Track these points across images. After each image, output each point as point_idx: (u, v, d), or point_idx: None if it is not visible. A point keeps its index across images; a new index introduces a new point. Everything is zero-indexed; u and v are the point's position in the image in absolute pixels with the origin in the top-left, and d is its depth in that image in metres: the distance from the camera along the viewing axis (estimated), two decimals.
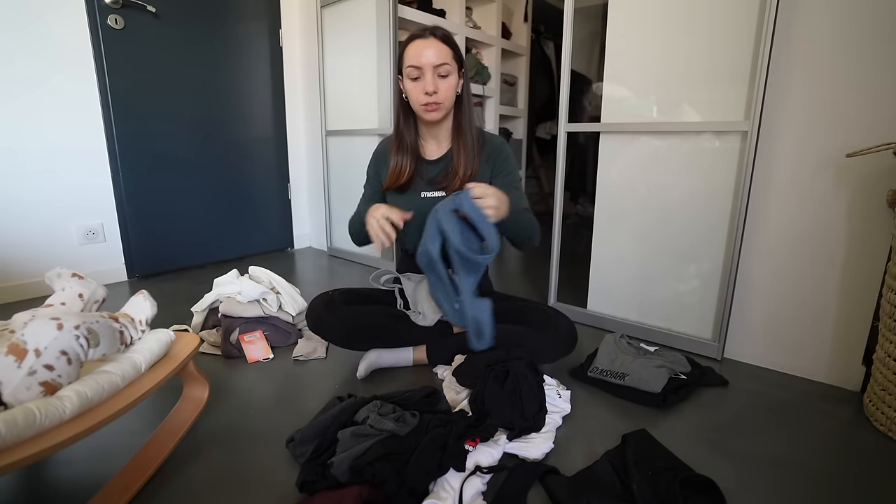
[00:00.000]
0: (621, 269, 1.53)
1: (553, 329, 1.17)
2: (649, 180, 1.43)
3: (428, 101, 1.13)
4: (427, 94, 1.12)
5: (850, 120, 1.12)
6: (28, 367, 0.64)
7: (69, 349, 0.68)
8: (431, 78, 1.11)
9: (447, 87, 1.14)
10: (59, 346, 0.67)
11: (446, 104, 1.16)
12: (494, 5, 2.97)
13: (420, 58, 1.11)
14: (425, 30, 1.13)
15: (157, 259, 2.16)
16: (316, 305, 1.23)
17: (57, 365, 0.67)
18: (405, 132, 1.22)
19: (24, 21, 1.68)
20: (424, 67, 1.11)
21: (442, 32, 1.14)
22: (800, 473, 0.89)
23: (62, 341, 0.68)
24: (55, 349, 0.67)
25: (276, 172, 2.58)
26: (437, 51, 1.11)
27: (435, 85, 1.12)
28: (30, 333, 0.67)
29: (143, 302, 0.92)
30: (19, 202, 1.75)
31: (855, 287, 1.17)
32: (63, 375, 0.67)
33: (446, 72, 1.12)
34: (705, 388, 1.19)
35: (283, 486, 0.82)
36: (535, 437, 0.93)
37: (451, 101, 1.16)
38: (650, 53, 1.37)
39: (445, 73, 1.12)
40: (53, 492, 0.82)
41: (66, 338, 0.68)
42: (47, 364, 0.66)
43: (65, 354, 0.68)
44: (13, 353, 0.65)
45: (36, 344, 0.66)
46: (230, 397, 1.12)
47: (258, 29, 2.36)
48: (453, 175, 1.21)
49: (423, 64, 1.11)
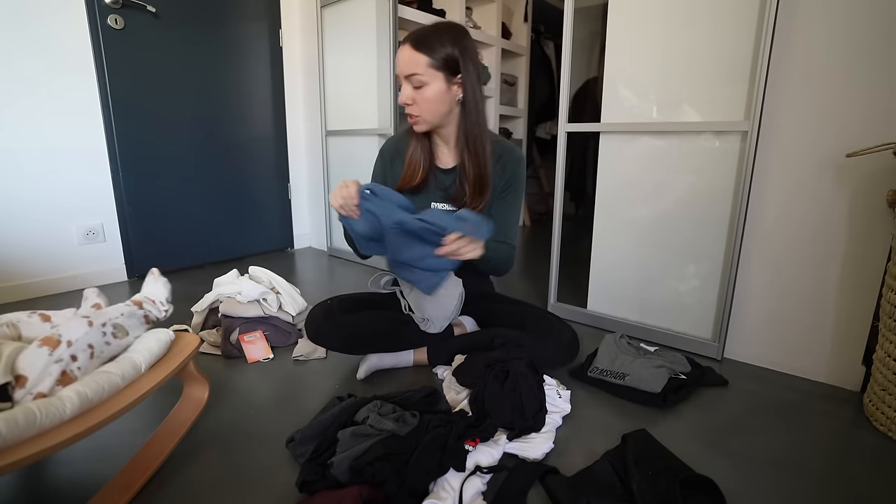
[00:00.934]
0: (621, 269, 1.53)
1: (555, 338, 1.16)
2: (649, 180, 1.43)
3: (407, 112, 1.09)
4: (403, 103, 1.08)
5: (850, 120, 1.12)
6: (57, 355, 0.69)
7: (95, 344, 0.76)
8: (406, 88, 1.06)
9: (424, 98, 1.06)
10: (88, 340, 0.74)
11: (426, 116, 1.09)
12: (494, 5, 2.97)
13: (397, 66, 1.07)
14: (408, 34, 1.07)
15: (157, 259, 2.15)
16: (315, 315, 1.21)
17: (81, 357, 0.73)
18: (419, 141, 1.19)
19: (24, 21, 1.68)
20: (400, 76, 1.07)
21: (417, 37, 1.04)
22: (800, 473, 0.89)
23: (91, 336, 0.75)
24: (84, 342, 0.74)
25: (276, 172, 2.58)
26: (408, 59, 1.04)
27: (410, 96, 1.06)
28: (64, 328, 0.73)
29: (155, 283, 0.97)
30: (19, 202, 1.75)
31: (855, 287, 1.17)
32: (82, 368, 0.72)
33: (419, 82, 1.04)
34: (705, 388, 1.19)
35: (283, 486, 0.82)
36: (536, 437, 0.93)
37: (433, 112, 1.09)
38: (650, 53, 1.37)
39: (418, 83, 1.04)
40: (53, 492, 0.82)
41: (95, 334, 0.76)
42: (73, 354, 0.71)
43: (91, 348, 0.74)
44: (47, 343, 0.70)
45: (69, 336, 0.72)
46: (230, 397, 1.12)
47: (258, 29, 2.36)
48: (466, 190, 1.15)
49: (397, 73, 1.07)
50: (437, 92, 1.06)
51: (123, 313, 0.84)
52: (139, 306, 0.89)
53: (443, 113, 1.10)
